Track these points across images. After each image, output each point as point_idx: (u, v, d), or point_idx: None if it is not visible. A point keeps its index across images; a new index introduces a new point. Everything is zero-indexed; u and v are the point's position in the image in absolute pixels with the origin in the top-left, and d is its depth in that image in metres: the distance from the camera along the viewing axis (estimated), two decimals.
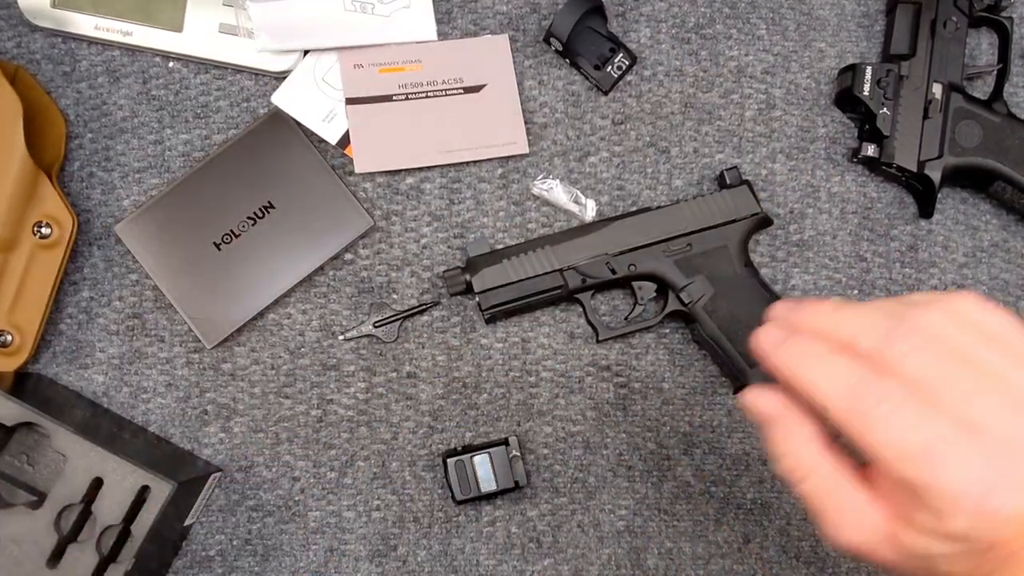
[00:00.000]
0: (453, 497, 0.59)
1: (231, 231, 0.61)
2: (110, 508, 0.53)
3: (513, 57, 0.63)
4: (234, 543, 0.61)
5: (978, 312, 0.33)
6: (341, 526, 0.61)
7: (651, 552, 0.62)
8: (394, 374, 0.62)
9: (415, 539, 0.61)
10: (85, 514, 0.54)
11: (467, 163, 0.63)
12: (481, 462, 0.59)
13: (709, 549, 0.62)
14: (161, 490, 0.54)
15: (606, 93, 0.64)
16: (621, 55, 0.63)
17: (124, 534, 0.53)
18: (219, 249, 0.60)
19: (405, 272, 0.62)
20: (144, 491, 0.54)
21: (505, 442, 0.60)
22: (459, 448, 0.61)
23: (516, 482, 0.59)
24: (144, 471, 0.54)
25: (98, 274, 0.62)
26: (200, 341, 0.61)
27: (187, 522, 0.59)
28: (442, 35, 0.63)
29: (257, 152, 0.61)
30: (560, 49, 0.62)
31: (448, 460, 0.59)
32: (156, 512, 0.53)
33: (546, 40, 0.63)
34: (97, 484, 0.54)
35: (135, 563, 0.53)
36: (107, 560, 0.53)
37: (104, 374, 0.61)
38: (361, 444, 0.61)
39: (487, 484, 0.59)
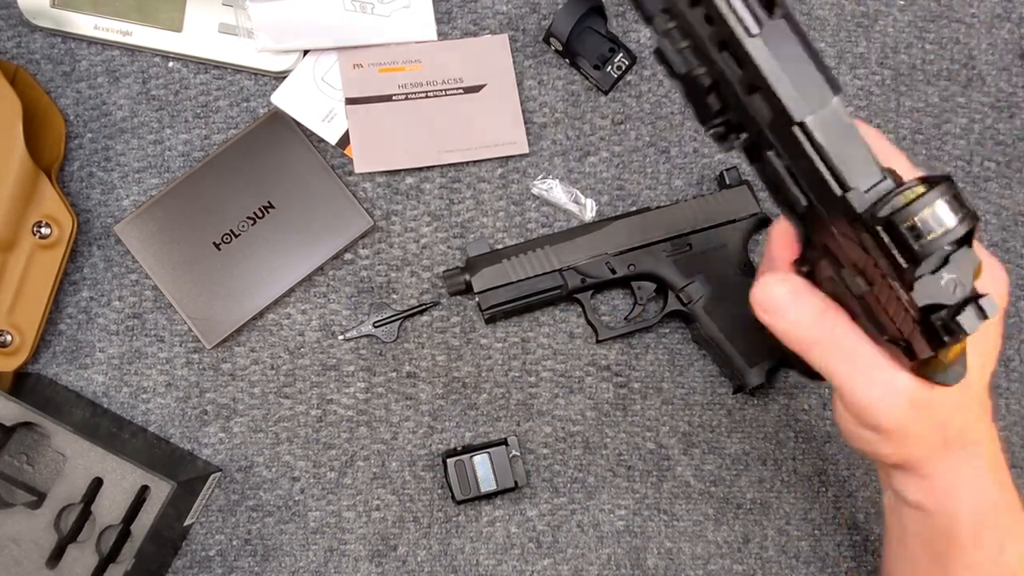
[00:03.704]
0: (453, 497, 0.59)
1: (231, 231, 0.61)
2: (110, 508, 0.53)
3: (513, 57, 0.63)
4: (234, 543, 0.61)
5: None
6: (341, 526, 0.61)
7: (651, 552, 0.62)
8: (394, 374, 0.62)
9: (415, 539, 0.61)
10: (85, 514, 0.54)
11: (467, 163, 0.63)
12: (481, 462, 0.59)
13: (709, 549, 0.62)
14: (161, 490, 0.54)
15: (606, 93, 0.64)
16: (621, 55, 0.63)
17: (124, 534, 0.53)
18: (219, 249, 0.60)
19: (405, 272, 0.62)
20: (144, 491, 0.54)
21: (505, 442, 0.60)
22: (459, 448, 0.61)
23: (516, 482, 0.59)
24: (144, 471, 0.54)
25: (98, 274, 0.61)
26: (200, 341, 0.61)
27: (187, 522, 0.59)
28: (442, 35, 0.63)
29: (257, 152, 0.61)
30: (560, 49, 0.62)
31: (448, 460, 0.59)
32: (156, 512, 0.53)
33: (546, 40, 0.63)
34: (97, 484, 0.54)
35: (135, 563, 0.53)
36: (107, 560, 0.53)
37: (104, 374, 0.61)
38: (361, 444, 0.61)
39: (487, 484, 0.59)
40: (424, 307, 0.62)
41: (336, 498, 0.61)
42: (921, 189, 0.36)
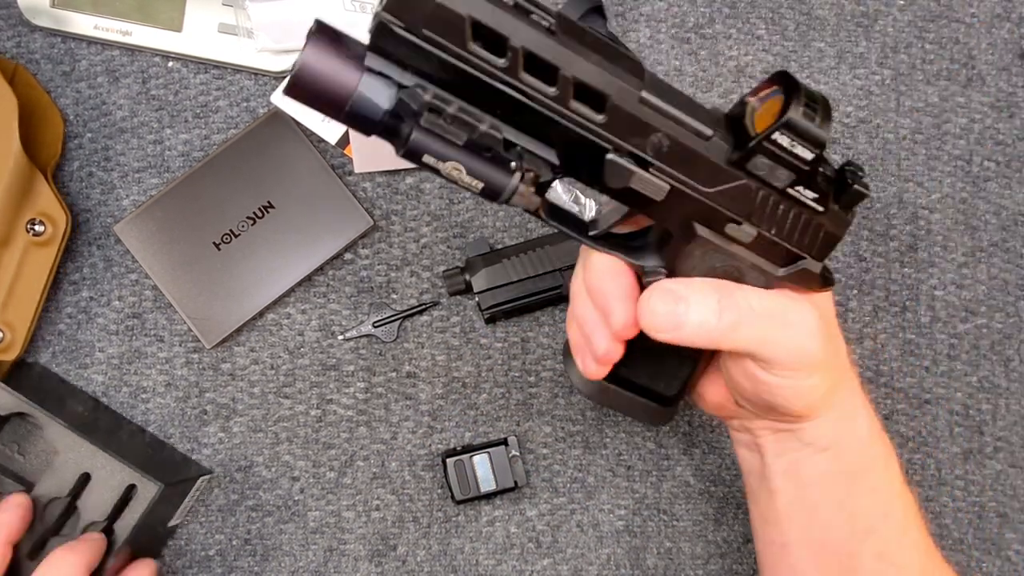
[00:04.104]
0: (452, 497, 0.59)
1: (231, 231, 0.61)
2: (96, 504, 0.53)
3: None
4: (233, 543, 0.61)
5: None
6: (340, 526, 0.61)
7: (650, 552, 0.62)
8: (394, 374, 0.62)
9: (414, 539, 0.61)
10: (70, 508, 0.53)
11: None
12: (480, 462, 0.59)
13: (709, 549, 0.62)
14: (148, 490, 0.53)
15: None
16: None
17: (107, 532, 0.53)
18: (219, 249, 0.60)
19: (405, 272, 0.62)
20: (131, 490, 0.54)
21: (504, 442, 0.60)
22: (458, 448, 0.61)
23: (515, 482, 0.59)
24: (132, 470, 0.53)
25: (97, 274, 0.61)
26: (199, 341, 0.61)
27: (172, 523, 0.59)
28: None
29: (257, 152, 0.61)
30: None
31: (447, 460, 0.59)
32: (140, 512, 0.53)
33: None
34: (85, 479, 0.54)
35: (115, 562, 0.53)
36: None
37: (103, 374, 0.61)
38: (360, 444, 0.61)
39: (486, 484, 0.59)
40: (424, 307, 0.62)
41: (336, 498, 0.61)
42: (773, 88, 0.37)
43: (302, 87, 0.33)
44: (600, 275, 0.41)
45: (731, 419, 0.49)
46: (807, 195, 0.39)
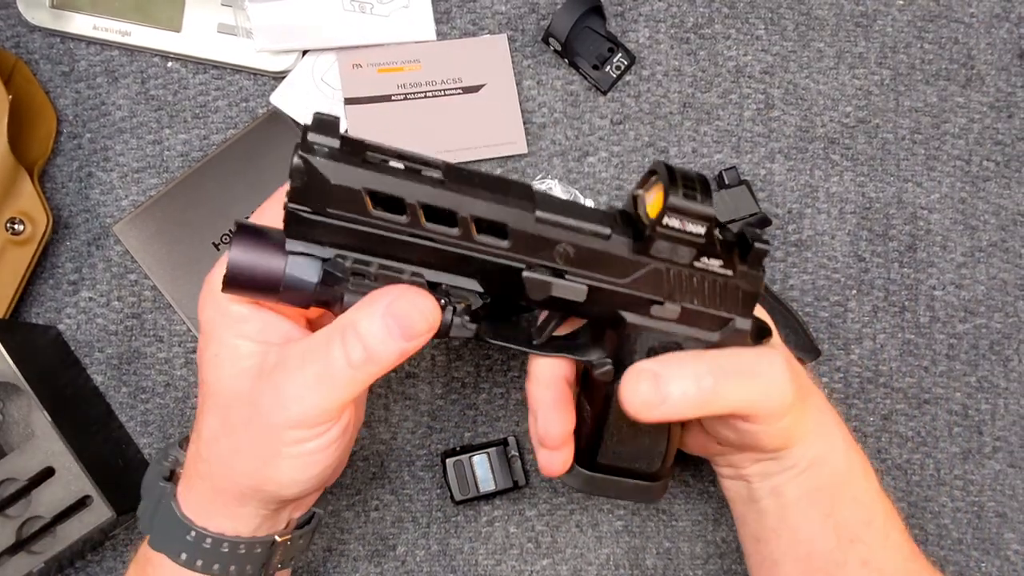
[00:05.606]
0: (452, 497, 0.59)
1: (230, 231, 0.61)
2: (48, 501, 0.53)
3: (512, 57, 0.63)
4: None
5: None
6: (340, 526, 0.61)
7: (649, 552, 0.62)
8: (393, 374, 0.62)
9: (414, 539, 0.61)
10: (22, 493, 0.53)
11: (466, 163, 0.63)
12: (480, 462, 0.59)
13: (708, 549, 0.62)
14: (100, 512, 0.53)
15: (605, 93, 0.64)
16: (620, 55, 0.63)
17: (48, 530, 0.53)
18: (218, 249, 0.60)
19: None
20: (85, 500, 0.53)
21: (504, 442, 0.60)
22: (458, 448, 0.61)
23: (515, 482, 0.59)
24: (94, 486, 0.53)
25: (97, 274, 0.61)
26: (198, 341, 0.60)
27: (111, 533, 0.58)
28: (441, 35, 0.63)
29: (256, 152, 0.61)
30: (559, 49, 0.62)
31: (447, 460, 0.59)
32: (85, 531, 0.53)
33: (545, 40, 0.63)
34: (47, 473, 0.53)
35: (44, 566, 0.53)
36: (21, 545, 0.53)
37: (103, 374, 0.61)
38: (360, 444, 0.61)
39: (486, 484, 0.59)
40: None
41: (335, 498, 0.61)
42: (654, 177, 0.40)
43: (237, 283, 0.37)
44: (535, 383, 0.44)
45: (715, 456, 0.50)
46: (713, 264, 0.42)
